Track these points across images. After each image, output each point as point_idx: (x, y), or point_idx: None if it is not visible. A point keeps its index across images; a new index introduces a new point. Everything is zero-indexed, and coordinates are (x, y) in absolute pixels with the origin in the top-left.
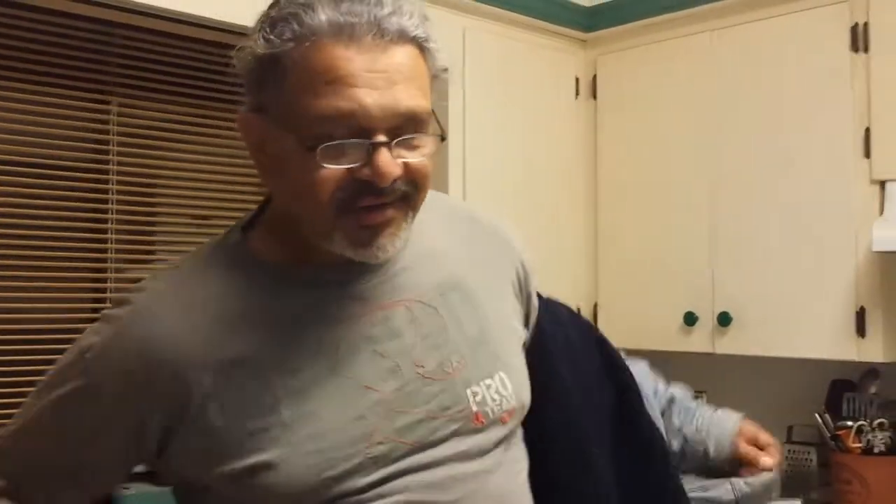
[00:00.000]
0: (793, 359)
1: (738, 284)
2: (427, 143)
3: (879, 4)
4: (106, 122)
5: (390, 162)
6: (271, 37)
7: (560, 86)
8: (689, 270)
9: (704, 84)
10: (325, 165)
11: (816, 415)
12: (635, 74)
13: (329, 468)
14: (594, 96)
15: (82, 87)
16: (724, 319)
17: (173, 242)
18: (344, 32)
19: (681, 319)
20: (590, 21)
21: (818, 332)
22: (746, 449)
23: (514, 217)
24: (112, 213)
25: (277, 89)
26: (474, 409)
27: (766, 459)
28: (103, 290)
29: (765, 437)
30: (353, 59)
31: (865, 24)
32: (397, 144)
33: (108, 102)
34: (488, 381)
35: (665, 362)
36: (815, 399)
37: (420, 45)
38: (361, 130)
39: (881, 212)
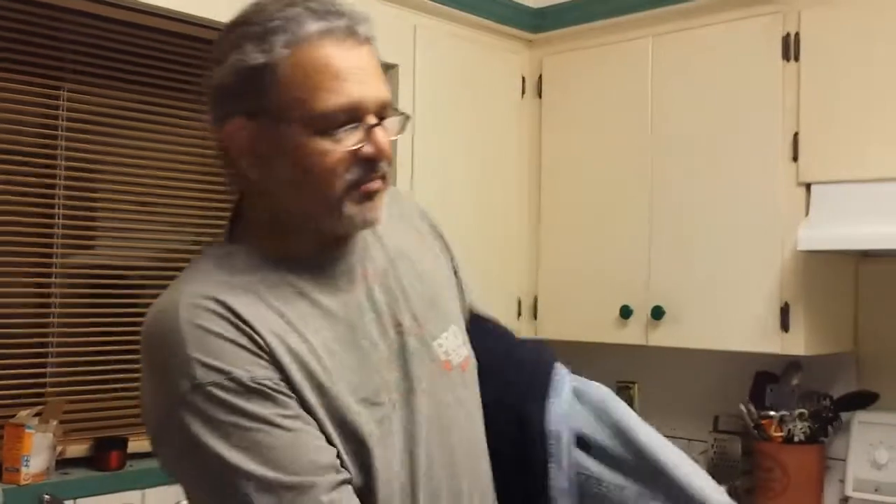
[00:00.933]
0: (720, 351)
1: (671, 280)
2: (395, 125)
3: (810, 16)
4: (56, 108)
5: (387, 138)
6: (265, 48)
7: (507, 84)
8: (625, 266)
9: (644, 87)
10: (337, 147)
11: (741, 405)
12: (579, 75)
13: (373, 407)
14: (539, 95)
15: (33, 73)
16: (657, 313)
17: (120, 228)
18: (331, 37)
19: (616, 312)
20: (537, 22)
21: (745, 326)
22: None
23: (460, 212)
24: (59, 199)
25: (275, 91)
26: (442, 357)
27: None
28: (48, 276)
29: None
30: (343, 58)
31: (797, 35)
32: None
33: (58, 88)
34: (446, 334)
35: (601, 354)
36: (741, 390)
37: (373, 44)
38: (358, 116)
39: (807, 213)
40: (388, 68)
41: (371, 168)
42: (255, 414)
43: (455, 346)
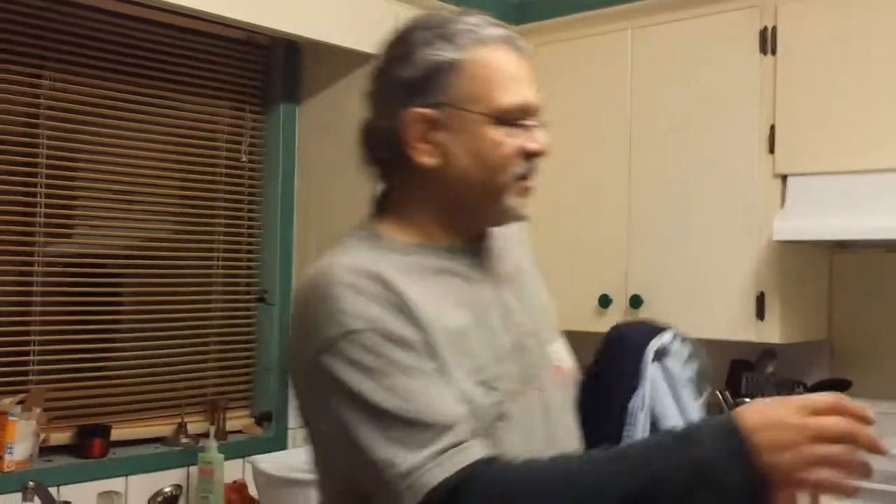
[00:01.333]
0: (699, 339)
1: (650, 269)
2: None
3: (787, 10)
4: (37, 97)
5: (545, 137)
6: (455, 46)
7: None
8: (605, 256)
9: (626, 78)
10: (509, 140)
11: (717, 392)
12: (561, 66)
13: (491, 391)
14: None
15: (14, 61)
16: (635, 302)
17: (102, 217)
18: (508, 44)
19: (596, 301)
20: (519, 14)
21: (721, 315)
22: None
23: None
24: (41, 188)
25: (461, 85)
26: (555, 363)
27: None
28: (31, 264)
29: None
30: (518, 63)
31: (773, 28)
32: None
33: (40, 77)
34: (557, 343)
35: (581, 342)
36: (717, 377)
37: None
38: (526, 116)
39: (782, 204)
40: (370, 58)
41: (531, 165)
42: (398, 361)
43: (565, 353)
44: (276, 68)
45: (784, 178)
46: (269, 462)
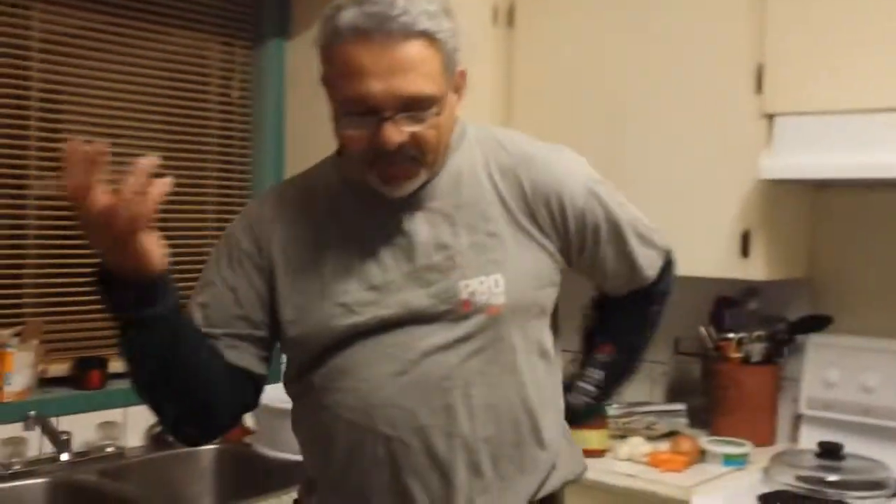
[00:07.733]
0: (684, 277)
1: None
2: (428, 118)
3: None
4: (27, 28)
5: (391, 132)
6: (321, 33)
7: (478, 13)
8: None
9: (614, 20)
10: (349, 131)
11: (701, 328)
12: (557, 6)
13: (344, 317)
14: (511, 25)
15: None
16: None
17: None
18: (360, 33)
19: None
20: None
21: (707, 253)
22: None
23: None
24: (34, 120)
25: (327, 69)
26: (463, 297)
27: None
28: (24, 197)
29: None
30: (365, 55)
31: None
32: (402, 119)
33: (28, 8)
34: (482, 279)
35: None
36: (700, 314)
37: (429, 37)
38: (372, 109)
39: (767, 144)
40: None
41: (383, 153)
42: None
43: (487, 291)
44: (267, 1)
45: (771, 117)
46: None
